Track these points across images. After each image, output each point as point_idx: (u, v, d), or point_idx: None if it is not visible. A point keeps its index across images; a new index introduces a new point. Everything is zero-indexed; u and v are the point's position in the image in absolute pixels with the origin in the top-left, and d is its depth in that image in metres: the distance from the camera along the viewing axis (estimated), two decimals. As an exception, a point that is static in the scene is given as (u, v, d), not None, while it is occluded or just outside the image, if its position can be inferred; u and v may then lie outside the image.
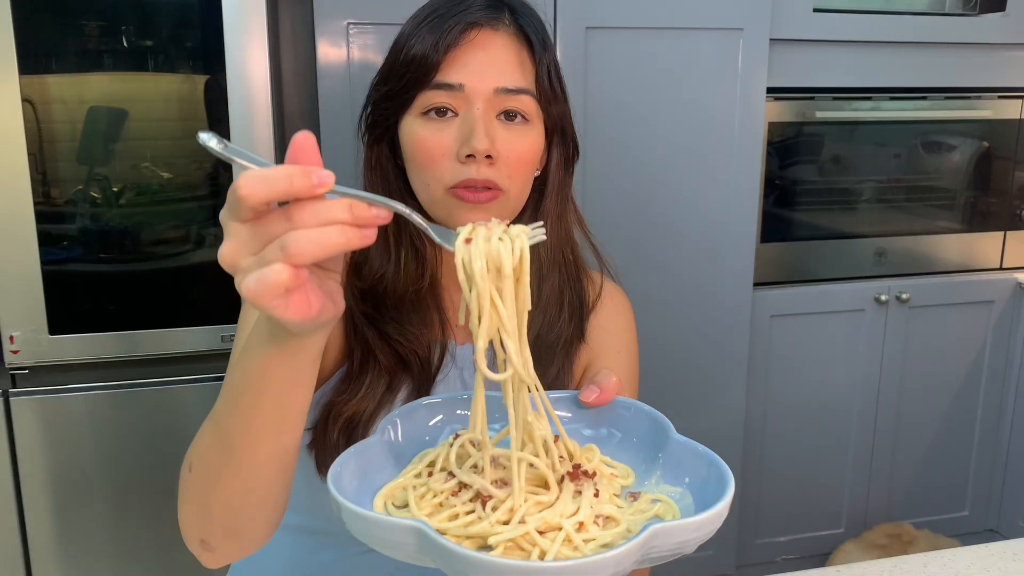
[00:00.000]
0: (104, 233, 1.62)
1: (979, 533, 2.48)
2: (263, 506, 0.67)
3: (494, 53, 0.81)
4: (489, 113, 0.80)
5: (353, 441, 0.77)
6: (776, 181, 2.16)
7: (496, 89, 0.80)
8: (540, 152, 0.86)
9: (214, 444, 0.65)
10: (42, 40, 1.53)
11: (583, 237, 0.95)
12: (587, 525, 0.56)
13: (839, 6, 2.07)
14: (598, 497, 0.59)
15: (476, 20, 0.81)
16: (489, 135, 0.79)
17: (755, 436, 2.21)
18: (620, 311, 0.97)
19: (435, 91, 0.80)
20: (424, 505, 0.59)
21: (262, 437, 0.61)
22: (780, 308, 2.17)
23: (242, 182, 0.49)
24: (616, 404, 0.69)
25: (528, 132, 0.83)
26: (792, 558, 2.34)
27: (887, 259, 2.28)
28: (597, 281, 0.96)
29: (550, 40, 0.86)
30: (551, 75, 0.84)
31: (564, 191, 0.90)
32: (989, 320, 2.34)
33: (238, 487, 0.64)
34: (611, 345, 0.94)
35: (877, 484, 2.36)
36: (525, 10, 0.86)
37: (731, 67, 1.96)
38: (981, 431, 2.42)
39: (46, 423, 1.64)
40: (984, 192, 2.34)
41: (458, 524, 0.56)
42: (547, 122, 0.85)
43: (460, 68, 0.80)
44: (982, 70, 2.23)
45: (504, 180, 0.81)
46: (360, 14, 1.74)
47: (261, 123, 1.63)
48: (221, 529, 0.68)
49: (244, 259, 0.50)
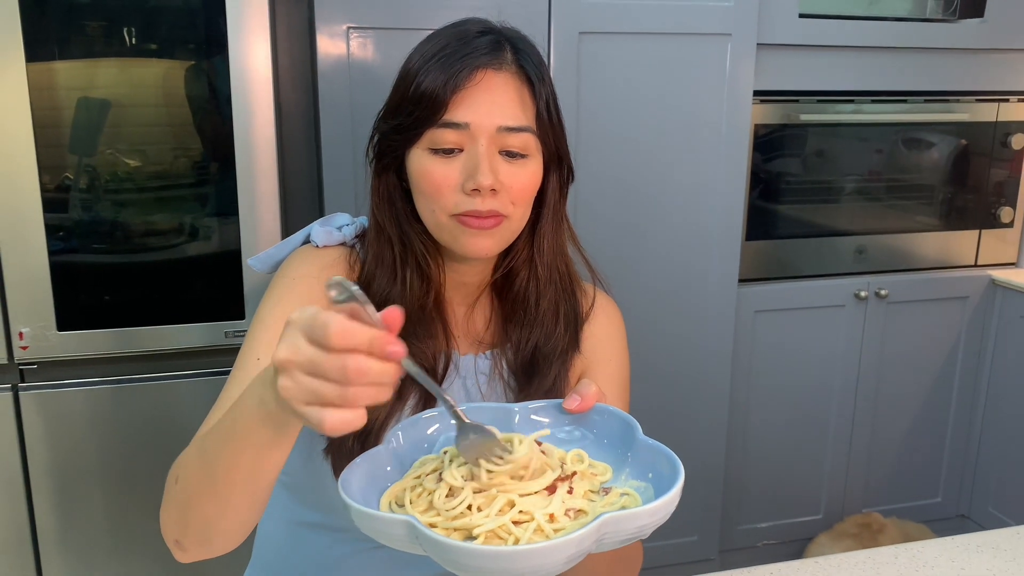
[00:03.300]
0: (112, 226, 1.65)
1: (951, 519, 2.58)
2: (236, 525, 0.76)
3: (497, 93, 0.87)
4: (492, 148, 0.86)
5: (367, 447, 0.83)
6: (761, 181, 2.22)
7: (499, 127, 0.86)
8: (539, 180, 0.91)
9: (199, 469, 0.74)
10: (48, 30, 1.54)
11: (576, 251, 1.00)
12: (558, 517, 0.65)
13: (824, 12, 2.13)
14: (571, 494, 0.68)
15: (482, 63, 0.86)
16: (492, 170, 0.85)
17: (738, 426, 2.29)
18: (611, 321, 1.03)
19: (443, 129, 0.86)
20: (419, 503, 0.67)
21: (239, 481, 0.70)
22: (764, 304, 2.24)
23: (336, 326, 0.55)
24: (592, 409, 0.77)
25: (528, 165, 0.89)
26: (773, 543, 2.43)
27: (867, 256, 2.36)
28: (590, 293, 1.02)
29: (547, 73, 0.91)
30: (550, 108, 0.90)
31: (559, 212, 0.96)
32: (964, 315, 2.43)
33: (214, 511, 0.73)
34: (603, 353, 1.00)
35: (855, 472, 2.45)
36: (524, 46, 0.91)
37: (719, 71, 2.02)
38: (954, 422, 2.51)
39: (53, 417, 1.68)
40: (960, 192, 2.42)
41: (445, 518, 0.64)
42: (545, 151, 0.91)
43: (467, 108, 0.86)
44: (961, 74, 2.30)
45: (507, 207, 0.88)
46: (360, 19, 1.78)
47: (263, 117, 1.65)
48: (195, 538, 0.77)
49: (296, 373, 0.57)
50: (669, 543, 2.27)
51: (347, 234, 0.98)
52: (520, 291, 0.95)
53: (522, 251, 0.95)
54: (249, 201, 1.68)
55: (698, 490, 2.27)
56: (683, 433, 2.21)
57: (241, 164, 1.66)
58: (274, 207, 1.69)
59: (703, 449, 2.24)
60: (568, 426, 0.77)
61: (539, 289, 0.94)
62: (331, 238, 0.97)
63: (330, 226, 0.98)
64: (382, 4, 1.78)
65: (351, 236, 0.98)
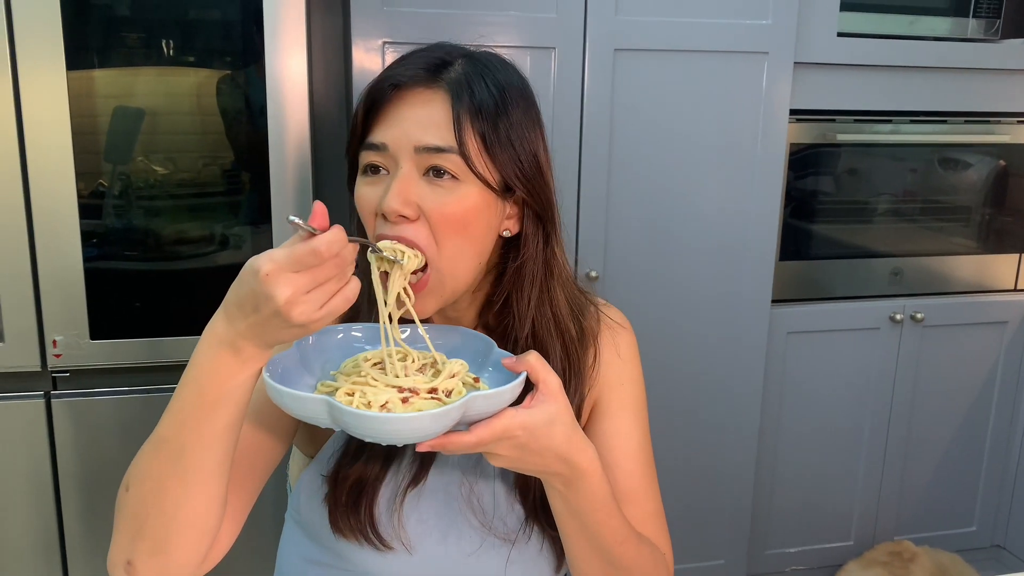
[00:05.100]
0: (144, 234, 1.66)
1: (986, 549, 2.52)
2: (198, 517, 0.75)
3: (420, 111, 0.81)
4: (412, 171, 0.81)
5: (361, 502, 0.87)
6: (795, 200, 2.19)
7: (417, 147, 0.80)
8: (476, 212, 0.82)
9: (159, 457, 0.74)
10: (89, 39, 1.56)
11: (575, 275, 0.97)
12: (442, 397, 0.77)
13: (863, 31, 2.11)
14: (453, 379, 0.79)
15: (402, 81, 0.82)
16: (403, 194, 0.80)
17: (768, 449, 2.25)
18: (623, 344, 0.98)
19: (367, 151, 0.83)
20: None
21: (210, 444, 0.73)
22: (797, 325, 2.21)
23: (322, 245, 0.66)
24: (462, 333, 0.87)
25: (455, 190, 0.81)
26: (801, 569, 2.38)
27: (903, 278, 2.32)
28: (594, 328, 0.97)
29: (506, 101, 0.83)
30: (494, 136, 0.82)
31: (550, 263, 0.89)
32: (1002, 341, 2.38)
33: (179, 494, 0.73)
34: (616, 377, 0.96)
35: (887, 498, 2.40)
36: (482, 69, 0.84)
37: (755, 89, 2.00)
38: (991, 449, 2.45)
39: (84, 425, 1.69)
40: (999, 214, 2.37)
41: (356, 400, 0.74)
42: (494, 184, 0.83)
43: (386, 128, 0.82)
44: (1003, 95, 2.26)
45: (424, 239, 0.81)
46: (396, 34, 1.78)
47: (297, 128, 1.66)
48: (150, 545, 0.75)
49: (302, 296, 0.66)
50: (695, 566, 2.24)
51: None
52: (508, 334, 0.90)
53: (508, 295, 0.89)
54: (283, 212, 1.68)
55: (726, 512, 2.23)
56: (712, 453, 2.18)
57: (275, 174, 1.66)
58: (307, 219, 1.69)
59: (732, 470, 2.21)
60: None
61: (526, 335, 0.89)
62: None
63: None
64: (418, 20, 1.78)
65: None
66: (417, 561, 0.89)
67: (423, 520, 0.89)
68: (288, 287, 0.65)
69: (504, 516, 0.91)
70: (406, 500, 0.89)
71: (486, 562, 0.90)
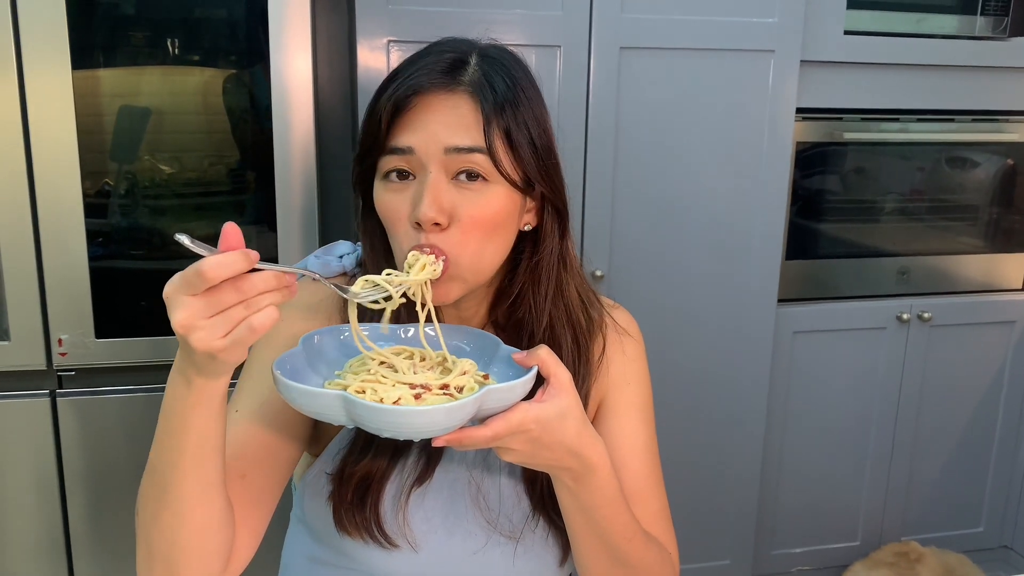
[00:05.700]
0: (149, 233, 1.66)
1: (993, 550, 2.51)
2: (196, 539, 0.74)
3: (445, 113, 0.80)
4: (441, 175, 0.80)
5: (367, 499, 0.87)
6: (801, 199, 2.19)
7: (446, 148, 0.80)
8: (506, 212, 0.83)
9: (150, 484, 0.74)
10: (94, 38, 1.56)
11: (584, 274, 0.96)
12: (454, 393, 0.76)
13: (870, 29, 2.10)
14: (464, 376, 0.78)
15: (430, 82, 0.81)
16: (437, 201, 0.79)
17: (774, 448, 2.25)
18: (629, 344, 0.98)
19: (390, 156, 0.81)
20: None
21: (187, 471, 0.71)
22: (803, 324, 2.20)
23: (206, 267, 0.61)
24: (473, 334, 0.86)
25: (484, 192, 0.81)
26: (807, 569, 2.37)
27: (910, 278, 2.31)
28: (603, 318, 0.97)
29: (526, 95, 0.84)
30: (521, 130, 0.82)
31: (564, 256, 0.90)
32: (1010, 340, 2.36)
33: (171, 520, 0.73)
34: (623, 376, 0.96)
35: (894, 498, 2.39)
36: (496, 65, 0.84)
37: (761, 88, 1.99)
38: (998, 449, 2.44)
39: (89, 424, 1.69)
40: (1007, 213, 2.35)
41: (368, 396, 0.73)
42: (519, 181, 0.83)
43: (410, 132, 0.80)
44: (1011, 93, 2.24)
45: (453, 244, 0.80)
46: (401, 32, 1.78)
47: (302, 128, 1.65)
48: (163, 568, 0.76)
49: (199, 322, 0.63)
50: (701, 566, 2.23)
51: (347, 264, 0.94)
52: (523, 328, 0.90)
53: (522, 288, 0.90)
54: (287, 212, 1.68)
55: (731, 512, 2.23)
56: (718, 453, 2.18)
57: (280, 174, 1.66)
58: (312, 218, 1.69)
59: (738, 470, 2.20)
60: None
61: (543, 329, 0.90)
62: (328, 270, 0.93)
63: (330, 255, 0.95)
64: (423, 18, 1.78)
65: (352, 265, 0.94)
66: (422, 559, 0.89)
67: (428, 518, 0.89)
68: (183, 310, 0.62)
69: (510, 513, 0.91)
70: (411, 498, 0.88)
71: (492, 559, 0.90)
